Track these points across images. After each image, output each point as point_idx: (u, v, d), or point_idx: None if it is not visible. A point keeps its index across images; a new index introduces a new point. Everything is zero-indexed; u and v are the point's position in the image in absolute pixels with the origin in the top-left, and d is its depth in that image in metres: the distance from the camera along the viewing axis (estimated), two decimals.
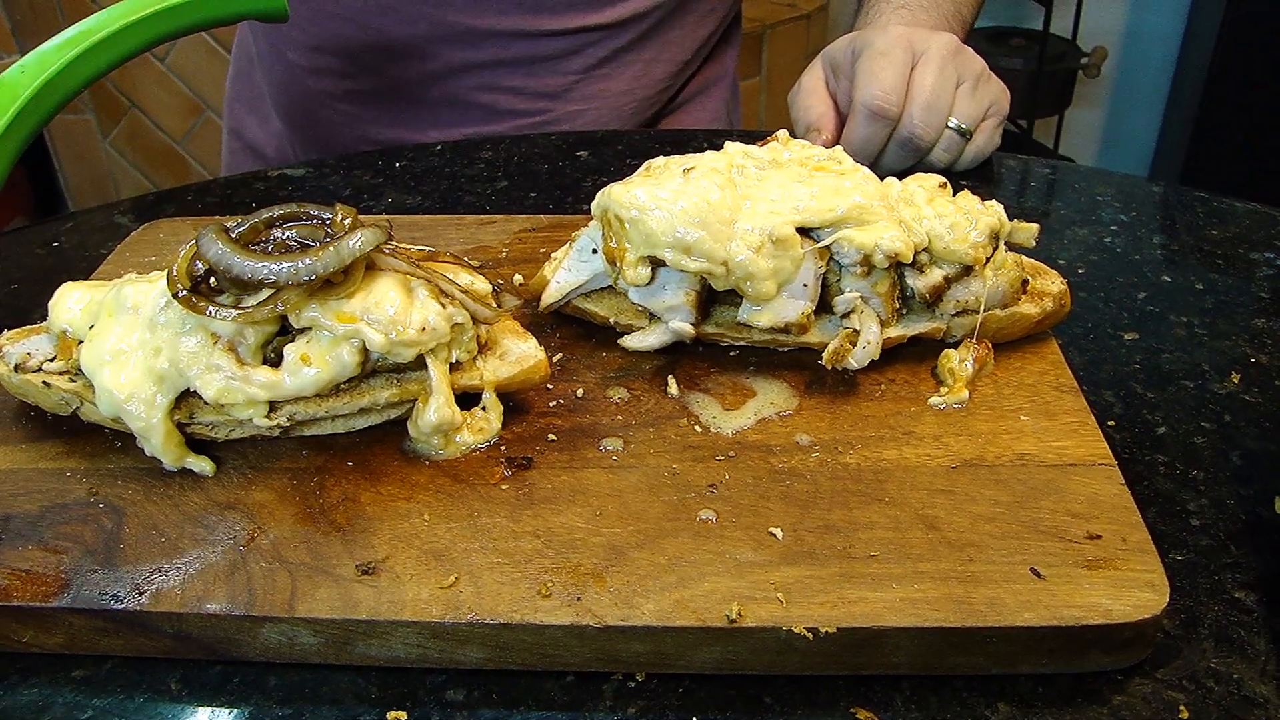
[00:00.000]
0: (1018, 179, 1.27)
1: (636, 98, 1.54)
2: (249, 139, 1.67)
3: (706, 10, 1.56)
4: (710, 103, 1.68)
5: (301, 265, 0.73)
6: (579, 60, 1.47)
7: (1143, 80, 3.58)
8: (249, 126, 1.66)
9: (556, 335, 0.92)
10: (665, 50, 1.54)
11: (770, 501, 0.73)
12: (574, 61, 1.47)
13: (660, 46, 1.52)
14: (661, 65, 1.54)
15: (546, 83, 1.48)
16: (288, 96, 1.56)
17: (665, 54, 1.54)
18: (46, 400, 0.80)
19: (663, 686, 0.66)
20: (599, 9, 1.44)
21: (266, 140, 1.64)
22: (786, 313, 0.84)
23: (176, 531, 0.72)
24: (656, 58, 1.53)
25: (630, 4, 1.46)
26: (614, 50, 1.48)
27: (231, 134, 1.71)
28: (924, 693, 0.66)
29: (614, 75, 1.50)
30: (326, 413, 0.77)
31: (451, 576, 0.68)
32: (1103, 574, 0.67)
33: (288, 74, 1.53)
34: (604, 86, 1.50)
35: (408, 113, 1.49)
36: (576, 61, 1.47)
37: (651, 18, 1.48)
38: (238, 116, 1.69)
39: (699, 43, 1.58)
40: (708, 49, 1.62)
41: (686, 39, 1.56)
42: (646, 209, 0.82)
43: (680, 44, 1.55)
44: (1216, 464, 0.82)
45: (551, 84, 1.48)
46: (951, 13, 1.32)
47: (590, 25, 1.45)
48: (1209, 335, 0.96)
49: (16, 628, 0.68)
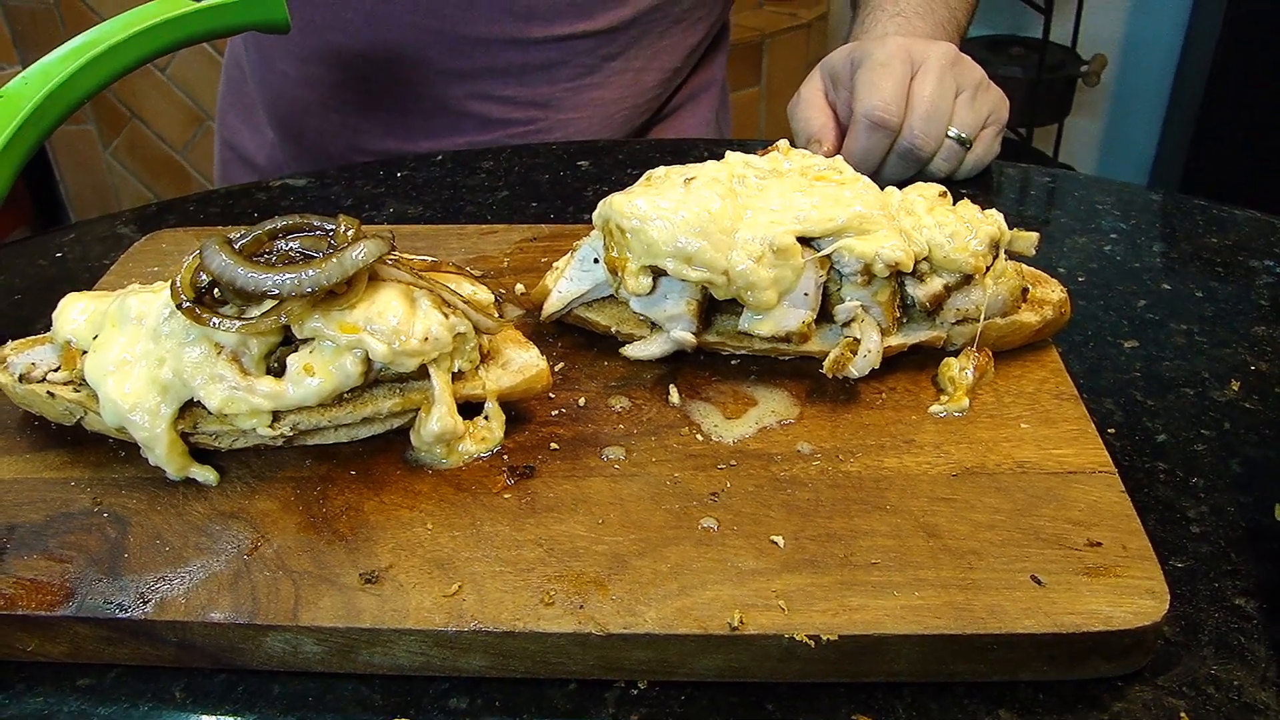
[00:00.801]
0: (1017, 187, 1.27)
1: (628, 105, 1.54)
2: (242, 149, 1.66)
3: (696, 18, 1.56)
4: (701, 109, 1.69)
5: (304, 276, 0.73)
6: (570, 68, 1.47)
7: (1142, 88, 3.58)
8: (242, 137, 1.66)
9: (558, 344, 0.92)
10: (656, 58, 1.54)
11: (772, 510, 0.73)
12: (565, 70, 1.47)
13: (651, 54, 1.53)
14: (652, 73, 1.55)
15: (538, 91, 1.48)
16: (279, 107, 1.56)
17: (656, 61, 1.54)
18: (51, 410, 0.80)
19: (665, 694, 0.67)
20: (589, 16, 1.44)
21: (259, 150, 1.64)
22: (787, 322, 0.85)
23: (181, 540, 0.72)
24: (647, 65, 1.53)
25: (619, 11, 1.46)
26: (604, 58, 1.48)
27: (225, 144, 1.71)
28: (925, 700, 0.66)
29: (605, 83, 1.51)
30: (330, 422, 0.78)
31: (454, 585, 0.68)
32: (1103, 581, 0.67)
33: (279, 84, 1.53)
34: (595, 95, 1.51)
35: (399, 122, 1.50)
36: (568, 70, 1.47)
37: (641, 24, 1.49)
38: (231, 127, 1.69)
39: (689, 50, 1.59)
40: (697, 56, 1.62)
41: (676, 46, 1.56)
42: (648, 219, 0.82)
43: (670, 51, 1.56)
44: (1216, 471, 0.82)
45: (543, 92, 1.48)
46: (946, 19, 1.33)
47: (580, 33, 1.45)
48: (1209, 343, 0.96)
49: (22, 637, 0.68)
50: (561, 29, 1.44)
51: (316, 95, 1.51)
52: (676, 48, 1.56)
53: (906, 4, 1.32)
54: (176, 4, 1.09)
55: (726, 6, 1.64)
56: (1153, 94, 3.55)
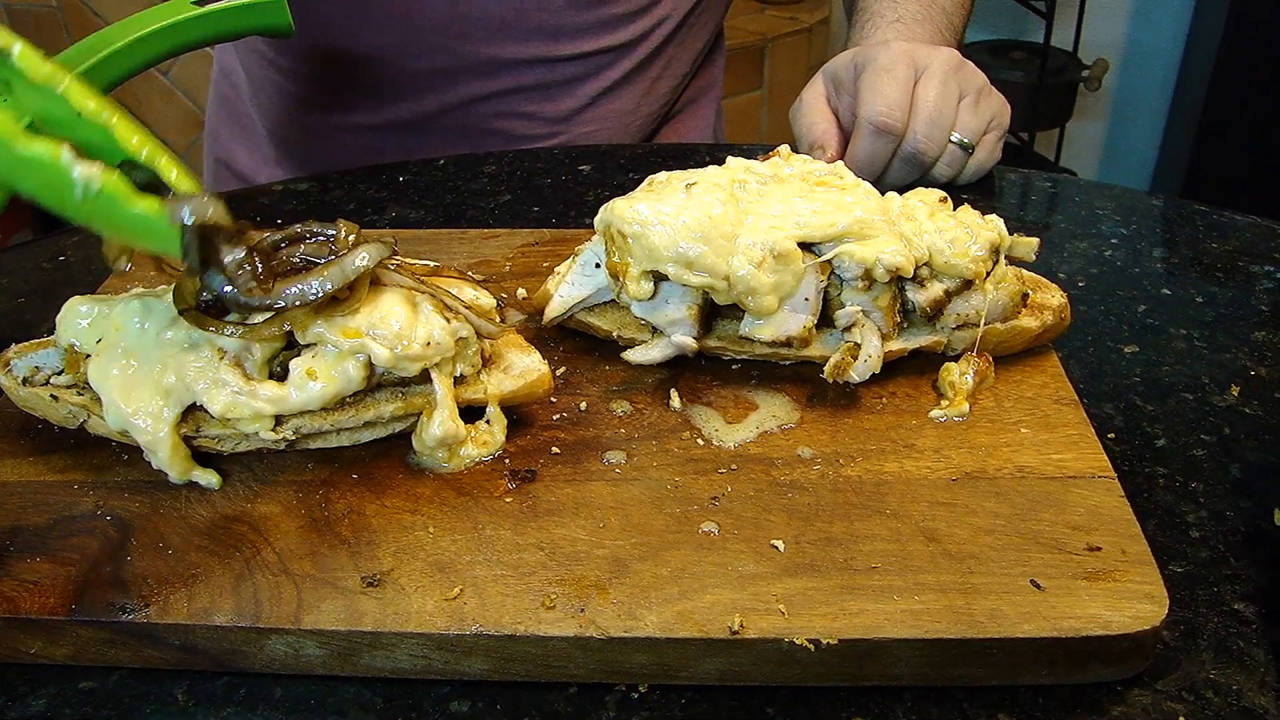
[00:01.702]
0: (1018, 192, 1.28)
1: (642, 114, 1.55)
2: (237, 167, 1.63)
3: (704, 22, 1.57)
4: (703, 110, 1.70)
5: (308, 287, 0.73)
6: (594, 82, 1.47)
7: (1144, 93, 3.58)
8: (238, 155, 1.63)
9: (560, 349, 0.92)
10: (670, 65, 1.55)
11: (772, 514, 0.74)
12: (589, 84, 1.47)
13: (665, 62, 1.53)
14: (666, 80, 1.55)
15: (561, 106, 1.48)
16: (289, 127, 1.54)
17: (670, 69, 1.55)
18: (54, 413, 0.81)
19: (665, 697, 0.67)
20: (614, 30, 1.44)
21: (258, 168, 1.61)
22: (788, 326, 0.85)
23: (183, 543, 0.73)
24: (662, 74, 1.54)
25: (641, 22, 1.46)
26: (626, 70, 1.49)
27: (218, 163, 1.66)
28: (925, 704, 0.66)
29: (623, 94, 1.51)
30: (332, 426, 0.78)
31: (456, 588, 0.68)
32: (1102, 585, 0.67)
33: (290, 105, 1.51)
34: (615, 106, 1.51)
35: (421, 141, 1.48)
36: (591, 84, 1.47)
37: (660, 34, 1.49)
38: (224, 145, 1.65)
39: (696, 55, 1.59)
40: (699, 60, 1.63)
41: (686, 53, 1.57)
42: (649, 224, 0.83)
43: (682, 58, 1.56)
44: (1216, 476, 0.82)
45: (566, 106, 1.48)
46: (944, 24, 1.33)
47: (606, 47, 1.45)
48: (1209, 348, 0.97)
49: (25, 639, 0.68)
50: (589, 45, 1.44)
51: (335, 119, 1.49)
52: (686, 54, 1.57)
53: (905, 9, 1.32)
54: (179, 9, 1.09)
55: (725, 9, 1.65)
56: (1154, 99, 3.56)
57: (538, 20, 1.39)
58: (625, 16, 1.44)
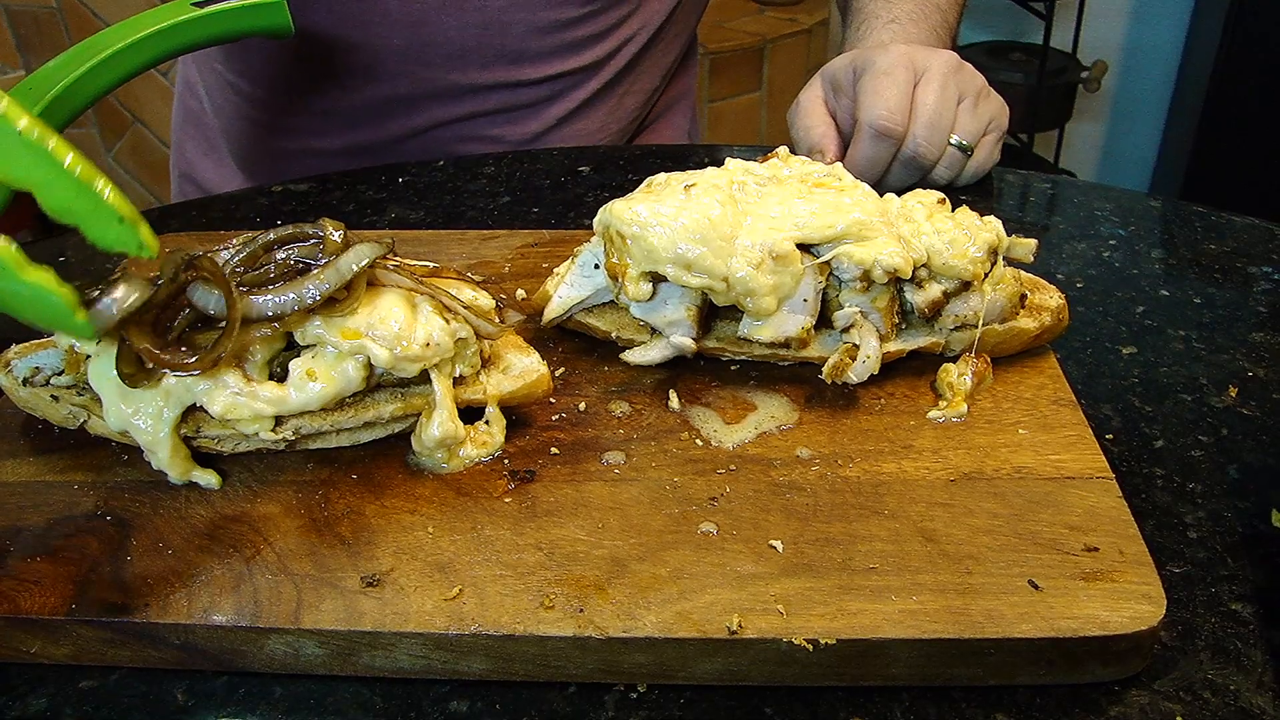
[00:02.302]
0: (1017, 194, 1.28)
1: (610, 132, 1.54)
2: (204, 183, 1.62)
3: (673, 36, 1.56)
4: (675, 120, 1.69)
5: (304, 290, 0.73)
6: (560, 105, 1.46)
7: (1143, 94, 3.59)
8: (203, 169, 1.62)
9: (559, 350, 0.93)
10: (637, 82, 1.53)
11: (770, 514, 0.74)
12: (554, 107, 1.46)
13: (633, 79, 1.52)
14: (633, 97, 1.54)
15: (525, 129, 1.47)
16: (252, 148, 1.52)
17: (637, 85, 1.54)
18: (54, 413, 0.81)
19: (664, 697, 0.67)
20: (579, 52, 1.43)
21: (223, 184, 1.59)
22: (787, 328, 0.85)
23: (183, 543, 0.73)
24: (629, 90, 1.53)
25: (607, 43, 1.45)
26: (591, 90, 1.47)
27: (183, 178, 1.65)
28: (923, 704, 0.66)
29: (590, 114, 1.50)
30: (331, 426, 0.78)
31: (455, 588, 0.68)
32: (1100, 586, 0.67)
33: (251, 128, 1.50)
34: (580, 126, 1.50)
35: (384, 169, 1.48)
36: (558, 106, 1.46)
37: (627, 52, 1.48)
38: (189, 160, 1.63)
39: (666, 69, 1.58)
40: (671, 73, 1.62)
41: (655, 68, 1.56)
42: (648, 225, 0.83)
43: (651, 74, 1.55)
44: (1214, 477, 0.82)
45: (530, 129, 1.47)
46: (940, 22, 1.33)
47: (571, 70, 1.44)
48: (1206, 349, 0.97)
49: (25, 639, 0.68)
50: (553, 68, 1.42)
51: (296, 144, 1.48)
52: (657, 68, 1.56)
53: (900, 10, 1.32)
54: (180, 10, 1.10)
55: (696, 23, 1.64)
56: (1153, 100, 3.56)
57: (499, 45, 1.37)
58: (590, 39, 1.43)
